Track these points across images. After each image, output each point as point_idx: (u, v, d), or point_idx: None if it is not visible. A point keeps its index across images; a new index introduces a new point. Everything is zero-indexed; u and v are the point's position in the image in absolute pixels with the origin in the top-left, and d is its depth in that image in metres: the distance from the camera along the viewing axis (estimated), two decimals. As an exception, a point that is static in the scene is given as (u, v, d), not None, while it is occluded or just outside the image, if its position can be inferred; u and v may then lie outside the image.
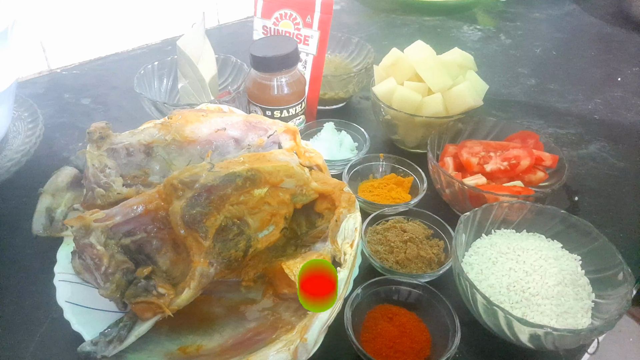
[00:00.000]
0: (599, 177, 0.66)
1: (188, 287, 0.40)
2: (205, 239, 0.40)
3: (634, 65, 0.95)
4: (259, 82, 0.62)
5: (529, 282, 0.44)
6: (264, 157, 0.46)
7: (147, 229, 0.43)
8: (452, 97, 0.63)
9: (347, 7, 1.23)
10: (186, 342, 0.42)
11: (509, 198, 0.51)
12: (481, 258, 0.48)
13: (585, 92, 0.86)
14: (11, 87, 0.57)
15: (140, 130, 0.52)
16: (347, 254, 0.41)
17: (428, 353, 0.43)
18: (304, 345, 0.36)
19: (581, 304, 0.44)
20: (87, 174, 0.47)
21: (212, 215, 0.41)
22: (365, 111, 0.80)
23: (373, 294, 0.47)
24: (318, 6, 0.66)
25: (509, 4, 1.24)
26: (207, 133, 0.51)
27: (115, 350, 0.38)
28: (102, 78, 0.88)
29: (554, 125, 0.77)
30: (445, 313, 0.44)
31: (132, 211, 0.42)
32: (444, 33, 1.09)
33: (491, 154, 0.59)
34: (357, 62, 0.83)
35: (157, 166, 0.51)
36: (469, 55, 0.69)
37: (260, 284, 0.46)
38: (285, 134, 0.51)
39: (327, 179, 0.50)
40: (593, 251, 0.47)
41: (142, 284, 0.40)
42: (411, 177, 0.62)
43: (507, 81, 0.90)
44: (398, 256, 0.50)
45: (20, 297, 0.49)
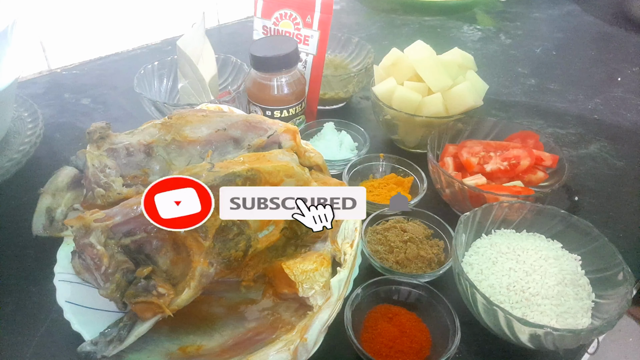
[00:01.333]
0: (599, 177, 0.66)
1: (188, 287, 0.40)
2: (205, 238, 0.40)
3: (634, 65, 0.95)
4: (259, 82, 0.62)
5: (529, 282, 0.44)
6: (264, 157, 0.46)
7: (147, 229, 0.43)
8: (452, 97, 0.63)
9: (347, 7, 1.23)
10: (186, 342, 0.42)
11: (509, 198, 0.51)
12: (481, 258, 0.48)
13: (585, 92, 0.86)
14: (11, 86, 0.57)
15: (140, 130, 0.52)
16: (347, 253, 0.41)
17: (428, 353, 0.43)
18: (304, 345, 0.36)
19: (581, 304, 0.44)
20: (87, 174, 0.47)
21: (212, 215, 0.41)
22: (365, 111, 0.80)
23: (373, 294, 0.47)
24: (318, 6, 0.66)
25: (509, 4, 1.24)
26: (207, 133, 0.51)
27: (115, 350, 0.38)
28: (102, 78, 0.88)
29: (554, 125, 0.77)
30: (445, 313, 0.44)
31: (132, 211, 0.42)
32: (444, 33, 1.09)
33: (491, 154, 0.59)
34: (357, 62, 0.83)
35: (157, 166, 0.51)
36: (469, 55, 0.69)
37: (260, 284, 0.46)
38: (285, 134, 0.51)
39: (327, 179, 0.50)
40: (593, 251, 0.47)
41: (142, 284, 0.40)
42: (411, 177, 0.62)
43: (507, 81, 0.90)
44: (398, 256, 0.50)
45: (20, 297, 0.49)
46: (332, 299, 0.38)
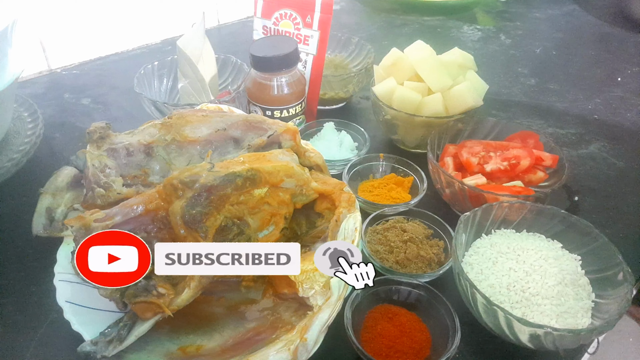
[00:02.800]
0: (599, 177, 0.66)
1: (188, 287, 0.40)
2: (205, 238, 0.40)
3: (634, 65, 0.95)
4: (259, 82, 0.62)
5: (529, 282, 0.44)
6: (264, 157, 0.46)
7: (147, 229, 0.43)
8: (452, 97, 0.63)
9: (347, 7, 1.23)
10: (186, 342, 0.42)
11: (509, 198, 0.51)
12: (481, 258, 0.48)
13: (585, 92, 0.86)
14: (11, 86, 0.57)
15: (140, 130, 0.52)
16: (347, 254, 0.41)
17: (428, 353, 0.43)
18: (304, 345, 0.36)
19: (581, 304, 0.44)
20: (87, 174, 0.47)
21: (212, 215, 0.41)
22: (365, 111, 0.80)
23: (373, 294, 0.47)
24: (318, 6, 0.66)
25: (509, 4, 1.24)
26: (207, 133, 0.51)
27: (115, 350, 0.38)
28: (102, 78, 0.88)
29: (554, 125, 0.77)
30: (445, 313, 0.44)
31: (132, 211, 0.42)
32: (444, 33, 1.09)
33: (491, 154, 0.59)
34: (357, 62, 0.83)
35: (157, 166, 0.51)
36: (469, 55, 0.69)
37: (260, 284, 0.46)
38: (285, 134, 0.51)
39: (327, 179, 0.50)
40: (593, 251, 0.47)
41: (142, 283, 0.39)
42: (411, 177, 0.62)
43: (507, 81, 0.90)
44: (398, 256, 0.50)
45: (20, 297, 0.49)
46: (332, 299, 0.38)
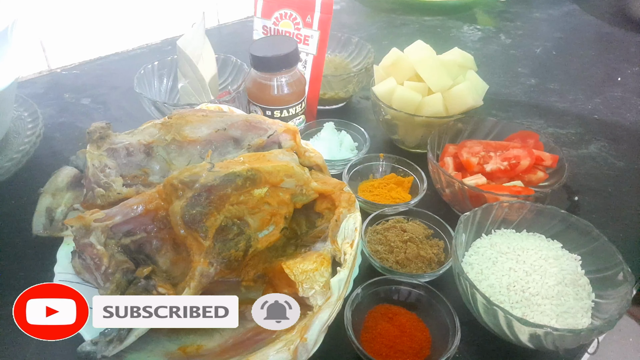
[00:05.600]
0: (599, 177, 0.66)
1: (188, 287, 0.40)
2: (205, 238, 0.40)
3: (634, 65, 0.95)
4: (259, 82, 0.62)
5: (529, 282, 0.44)
6: (264, 157, 0.46)
7: (147, 229, 0.43)
8: (452, 97, 0.63)
9: (347, 7, 1.23)
10: (186, 342, 0.42)
11: (509, 198, 0.51)
12: (481, 258, 0.48)
13: (585, 92, 0.86)
14: (11, 86, 0.57)
15: (140, 130, 0.52)
16: (347, 253, 0.41)
17: (428, 353, 0.43)
18: (304, 345, 0.36)
19: (581, 304, 0.44)
20: (87, 174, 0.47)
21: (212, 215, 0.41)
22: (365, 111, 0.80)
23: (373, 294, 0.47)
24: (318, 6, 0.66)
25: (509, 4, 1.24)
26: (207, 133, 0.51)
27: (115, 350, 0.38)
28: (102, 78, 0.88)
29: (554, 125, 0.77)
30: (445, 313, 0.44)
31: (132, 211, 0.42)
32: (444, 33, 1.09)
33: (491, 153, 0.59)
34: (357, 62, 0.83)
35: (157, 166, 0.51)
36: (469, 55, 0.69)
37: (260, 284, 0.46)
38: (285, 134, 0.51)
39: (327, 179, 0.50)
40: (593, 251, 0.47)
41: (142, 283, 0.40)
42: (411, 177, 0.62)
43: (507, 81, 0.90)
44: (398, 256, 0.50)
45: (20, 297, 0.49)
46: (332, 299, 0.38)
